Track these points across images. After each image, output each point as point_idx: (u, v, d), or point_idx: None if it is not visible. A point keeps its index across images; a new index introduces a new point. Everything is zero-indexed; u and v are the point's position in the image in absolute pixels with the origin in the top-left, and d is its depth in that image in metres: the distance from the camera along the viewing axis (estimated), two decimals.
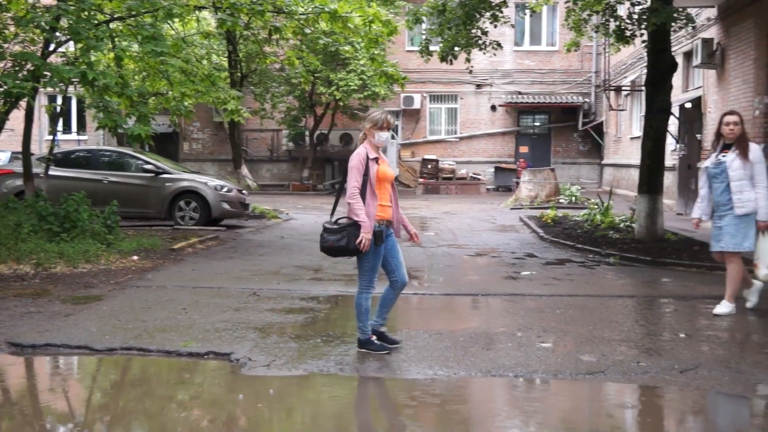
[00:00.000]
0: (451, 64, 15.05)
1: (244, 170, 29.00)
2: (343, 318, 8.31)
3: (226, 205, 16.58)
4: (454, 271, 11.57)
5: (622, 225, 15.61)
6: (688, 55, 19.32)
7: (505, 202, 24.46)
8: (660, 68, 13.56)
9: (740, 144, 8.10)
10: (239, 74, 25.62)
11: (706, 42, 16.99)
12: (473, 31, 14.15)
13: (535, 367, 6.23)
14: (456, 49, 14.51)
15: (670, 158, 20.43)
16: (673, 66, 13.78)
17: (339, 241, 6.39)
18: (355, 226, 6.35)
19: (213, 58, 23.46)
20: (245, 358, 6.41)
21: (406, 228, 6.83)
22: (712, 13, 17.23)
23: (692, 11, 18.29)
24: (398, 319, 8.20)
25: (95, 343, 6.81)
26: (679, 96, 19.77)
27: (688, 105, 19.38)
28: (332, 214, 6.80)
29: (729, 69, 16.30)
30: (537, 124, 32.83)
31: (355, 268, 6.79)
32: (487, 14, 14.11)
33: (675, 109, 19.57)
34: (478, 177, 31.09)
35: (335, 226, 6.46)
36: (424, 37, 14.98)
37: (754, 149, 8.12)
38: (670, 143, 20.14)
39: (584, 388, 5.91)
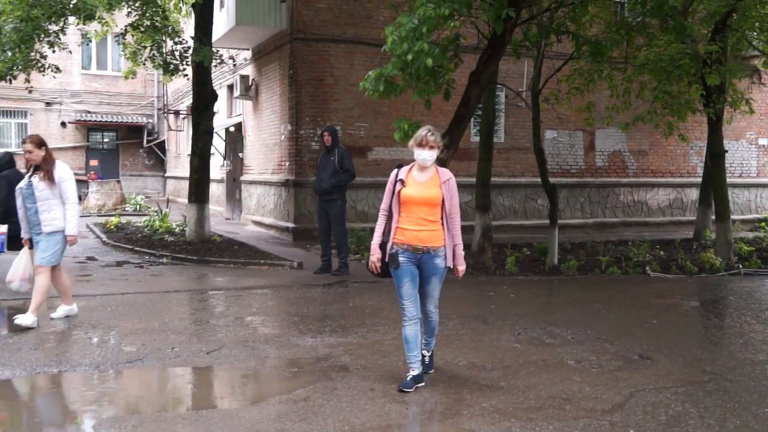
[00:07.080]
0: (11, 83, 13.69)
1: None
2: None
3: None
4: None
5: (177, 229, 15.56)
6: (231, 87, 19.99)
7: None
8: (203, 98, 13.79)
9: (45, 166, 7.23)
10: None
11: (244, 78, 17.75)
12: (31, 54, 13.00)
13: (79, 361, 5.94)
14: (16, 70, 13.20)
15: (219, 172, 20.97)
16: (214, 96, 14.07)
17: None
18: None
19: None
20: None
21: (454, 259, 5.41)
22: (248, 54, 18.02)
23: (234, 52, 19.02)
24: None
25: None
26: (225, 120, 20.38)
27: (232, 129, 20.03)
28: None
29: (262, 101, 17.19)
30: (106, 140, 31.43)
31: None
32: (45, 40, 13.07)
33: (222, 132, 20.17)
34: None
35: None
36: None
37: (60, 168, 7.29)
38: (219, 160, 20.72)
39: (120, 377, 5.77)
